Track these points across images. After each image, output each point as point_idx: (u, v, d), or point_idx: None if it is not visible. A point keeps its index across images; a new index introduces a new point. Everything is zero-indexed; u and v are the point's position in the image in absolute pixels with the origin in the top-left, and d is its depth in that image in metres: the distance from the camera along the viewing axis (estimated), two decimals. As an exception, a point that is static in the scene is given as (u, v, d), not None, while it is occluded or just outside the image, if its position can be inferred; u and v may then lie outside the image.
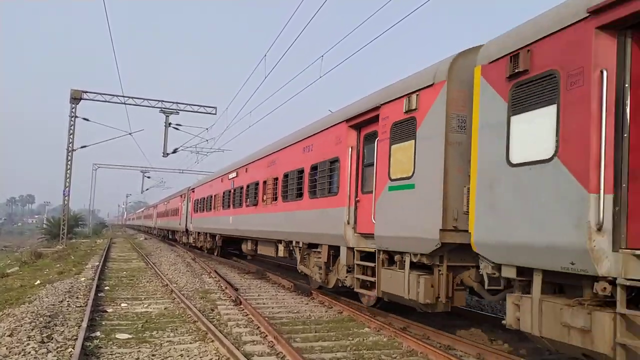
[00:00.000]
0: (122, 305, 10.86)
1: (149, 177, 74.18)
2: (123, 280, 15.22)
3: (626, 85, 4.90)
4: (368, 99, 9.68)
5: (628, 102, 4.88)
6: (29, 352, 6.67)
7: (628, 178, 4.79)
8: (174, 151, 37.38)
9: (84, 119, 34.47)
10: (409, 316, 9.15)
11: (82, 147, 35.72)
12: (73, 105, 33.47)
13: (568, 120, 5.16)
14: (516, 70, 5.78)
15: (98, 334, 8.12)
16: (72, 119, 33.52)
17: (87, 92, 33.71)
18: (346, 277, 10.05)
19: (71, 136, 33.71)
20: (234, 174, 20.00)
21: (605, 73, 4.82)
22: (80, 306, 10.35)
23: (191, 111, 35.71)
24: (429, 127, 7.49)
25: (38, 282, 15.02)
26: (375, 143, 9.02)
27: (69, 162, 33.72)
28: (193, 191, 31.25)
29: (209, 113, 35.85)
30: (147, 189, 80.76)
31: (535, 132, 5.54)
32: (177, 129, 35.37)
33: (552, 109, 5.34)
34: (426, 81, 7.69)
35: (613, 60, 4.92)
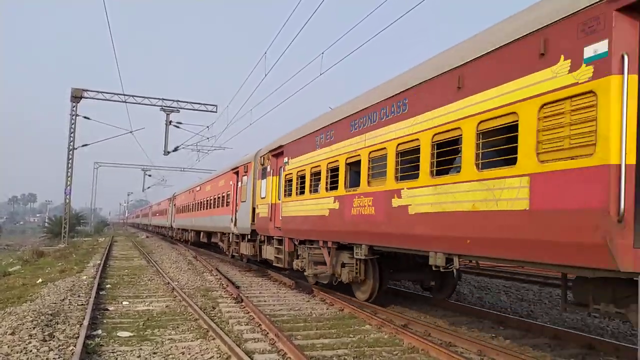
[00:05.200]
0: (124, 303, 10.90)
1: (150, 176, 74.16)
2: (124, 279, 15.26)
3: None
4: (238, 161, 18.98)
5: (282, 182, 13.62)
6: (31, 351, 6.68)
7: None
8: (175, 149, 37.35)
9: (85, 117, 34.51)
10: (410, 313, 9.16)
11: (83, 145, 35.79)
12: (74, 104, 33.48)
13: (268, 185, 14.29)
14: (262, 163, 15.12)
15: (100, 332, 8.15)
16: (73, 117, 33.55)
17: (87, 90, 33.73)
18: (235, 248, 19.43)
19: (72, 135, 33.74)
20: (197, 188, 29.75)
21: (283, 170, 13.23)
22: (82, 304, 10.37)
23: (192, 109, 35.71)
24: (250, 179, 16.94)
25: (40, 280, 15.06)
26: (238, 183, 18.72)
27: (70, 161, 33.75)
28: (176, 197, 39.61)
29: (210, 111, 35.85)
30: (149, 187, 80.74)
31: (264, 188, 14.55)
32: (177, 127, 35.34)
33: (266, 180, 14.61)
34: (248, 160, 17.27)
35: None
